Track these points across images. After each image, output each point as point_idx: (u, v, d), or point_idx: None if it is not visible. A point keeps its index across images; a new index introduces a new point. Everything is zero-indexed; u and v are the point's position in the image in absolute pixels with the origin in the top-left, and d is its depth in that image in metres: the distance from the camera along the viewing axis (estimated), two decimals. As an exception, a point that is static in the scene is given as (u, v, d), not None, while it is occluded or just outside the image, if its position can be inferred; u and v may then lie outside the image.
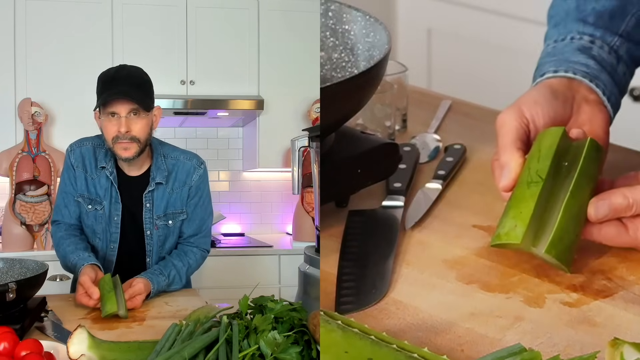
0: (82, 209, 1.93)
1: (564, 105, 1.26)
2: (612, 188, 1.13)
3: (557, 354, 0.91)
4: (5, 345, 1.20)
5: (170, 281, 1.85)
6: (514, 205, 1.11)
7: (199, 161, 1.97)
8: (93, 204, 1.91)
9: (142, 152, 1.87)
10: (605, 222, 1.11)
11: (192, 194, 1.94)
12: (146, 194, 1.91)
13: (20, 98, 3.25)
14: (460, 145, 1.45)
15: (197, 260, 1.95)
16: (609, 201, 1.09)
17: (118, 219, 1.91)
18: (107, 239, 1.92)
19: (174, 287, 1.87)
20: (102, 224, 1.92)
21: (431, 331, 1.02)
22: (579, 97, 1.28)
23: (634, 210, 1.10)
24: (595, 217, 1.10)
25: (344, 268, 1.15)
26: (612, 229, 1.12)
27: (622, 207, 1.09)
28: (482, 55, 3.03)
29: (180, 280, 1.88)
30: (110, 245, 1.93)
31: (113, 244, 1.92)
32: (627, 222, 1.11)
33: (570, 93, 1.27)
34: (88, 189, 1.91)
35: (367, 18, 1.37)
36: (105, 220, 1.91)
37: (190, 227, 1.96)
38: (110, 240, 1.92)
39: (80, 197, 1.92)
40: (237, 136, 3.81)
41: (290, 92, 3.49)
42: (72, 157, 1.92)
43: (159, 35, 3.43)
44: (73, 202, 1.93)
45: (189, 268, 1.92)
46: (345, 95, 1.21)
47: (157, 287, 1.79)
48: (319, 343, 1.14)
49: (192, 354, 1.17)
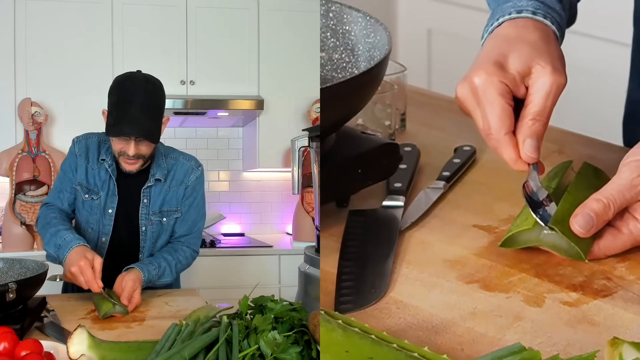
0: (78, 197, 1.95)
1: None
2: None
3: (556, 354, 0.91)
4: (5, 345, 1.20)
5: (160, 272, 1.85)
6: (524, 208, 1.17)
7: (197, 163, 2.01)
8: (90, 194, 1.93)
9: (145, 164, 1.91)
10: (599, 235, 1.12)
11: (188, 194, 1.97)
12: (144, 189, 1.93)
13: (20, 98, 3.25)
14: (470, 147, 1.45)
15: (187, 258, 1.96)
16: (586, 211, 1.10)
17: (112, 212, 1.93)
18: (99, 231, 1.94)
19: (164, 280, 1.88)
20: (96, 215, 1.94)
21: (431, 330, 1.02)
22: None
23: (613, 208, 1.10)
24: (584, 231, 1.10)
25: (343, 268, 1.15)
26: (607, 237, 1.13)
27: (601, 210, 1.10)
28: (482, 56, 3.02)
29: (170, 273, 1.89)
30: (102, 238, 1.94)
31: (105, 236, 1.94)
32: (616, 223, 1.12)
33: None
34: (87, 179, 1.93)
35: (367, 19, 1.37)
36: (99, 212, 1.93)
37: (182, 227, 1.98)
38: (102, 232, 1.94)
39: (79, 185, 1.94)
40: (237, 136, 3.81)
41: (290, 92, 3.49)
42: (76, 147, 1.96)
43: (159, 35, 3.43)
44: (69, 189, 1.95)
45: (179, 263, 1.93)
46: (346, 96, 1.21)
47: (148, 275, 1.80)
48: (319, 343, 1.14)
49: (192, 354, 1.17)
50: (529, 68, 1.15)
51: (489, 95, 1.14)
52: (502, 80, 1.14)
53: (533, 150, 1.14)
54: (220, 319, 1.25)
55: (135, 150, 1.84)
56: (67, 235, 1.80)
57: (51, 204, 1.96)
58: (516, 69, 1.15)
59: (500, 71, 1.15)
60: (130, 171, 1.89)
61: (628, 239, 1.12)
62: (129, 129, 1.81)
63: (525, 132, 1.14)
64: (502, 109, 1.14)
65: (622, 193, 1.10)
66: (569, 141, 1.49)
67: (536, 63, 1.15)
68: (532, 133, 1.14)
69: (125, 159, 1.87)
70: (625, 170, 1.12)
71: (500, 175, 1.38)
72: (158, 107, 1.88)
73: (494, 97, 1.14)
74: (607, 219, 1.11)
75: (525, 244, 1.14)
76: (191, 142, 3.67)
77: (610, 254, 1.13)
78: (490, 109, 1.14)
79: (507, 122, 1.14)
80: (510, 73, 1.15)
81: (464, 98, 1.17)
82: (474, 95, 1.16)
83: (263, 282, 2.86)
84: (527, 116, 1.14)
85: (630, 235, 1.12)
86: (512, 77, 1.15)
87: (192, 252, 1.98)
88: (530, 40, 1.18)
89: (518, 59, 1.16)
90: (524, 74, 1.15)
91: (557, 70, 1.15)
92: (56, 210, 1.94)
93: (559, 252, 1.13)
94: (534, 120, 1.14)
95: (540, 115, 1.14)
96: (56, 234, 1.82)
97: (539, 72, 1.14)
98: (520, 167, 1.16)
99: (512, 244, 1.15)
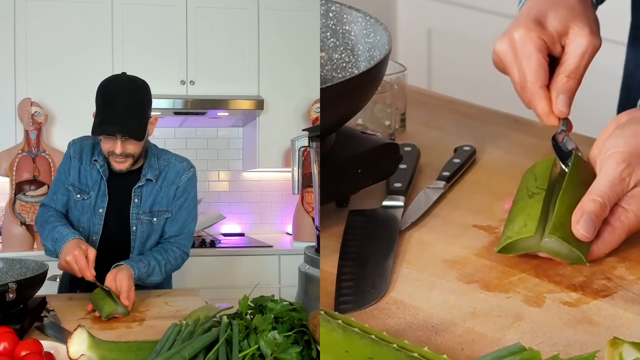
0: (71, 197, 1.99)
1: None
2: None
3: (556, 354, 0.91)
4: (5, 345, 1.20)
5: (149, 271, 1.87)
6: (519, 212, 1.15)
7: (189, 164, 2.04)
8: (81, 194, 1.97)
9: (135, 162, 1.94)
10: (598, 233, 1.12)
11: (179, 195, 1.99)
12: (135, 189, 1.96)
13: (20, 98, 3.25)
14: (470, 147, 1.45)
15: (177, 259, 1.98)
16: (585, 214, 1.09)
17: (103, 211, 1.96)
18: (90, 229, 1.97)
19: (153, 279, 1.90)
20: (87, 214, 1.97)
21: (431, 330, 1.02)
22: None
23: (609, 205, 1.11)
24: (589, 235, 1.10)
25: (343, 268, 1.15)
26: (603, 235, 1.12)
27: (599, 210, 1.10)
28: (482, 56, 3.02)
29: (160, 272, 1.91)
30: (92, 237, 1.97)
31: (95, 236, 1.97)
32: (608, 218, 1.12)
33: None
34: (79, 180, 1.98)
35: (367, 19, 1.37)
36: (90, 211, 1.97)
37: (172, 227, 1.99)
38: (92, 231, 1.97)
39: (71, 185, 1.98)
40: (237, 136, 3.81)
41: (290, 92, 3.49)
42: (71, 149, 2.01)
43: (159, 35, 3.43)
44: (63, 190, 2.00)
45: (168, 263, 1.94)
46: (346, 96, 1.21)
47: (138, 273, 1.82)
48: (319, 343, 1.14)
49: (192, 354, 1.17)
50: (566, 28, 1.21)
51: (527, 49, 1.20)
52: (540, 36, 1.20)
53: (565, 105, 1.20)
54: (220, 319, 1.25)
55: (122, 149, 1.88)
56: (63, 230, 1.86)
57: (47, 204, 2.01)
58: (554, 27, 1.21)
59: (539, 27, 1.21)
60: (120, 170, 1.93)
61: (622, 230, 1.12)
62: (112, 127, 1.85)
63: (560, 87, 1.20)
64: (539, 63, 1.20)
65: (614, 188, 1.11)
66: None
67: (574, 24, 1.21)
68: (566, 89, 1.20)
69: (114, 158, 1.90)
70: (611, 164, 1.12)
71: (500, 175, 1.38)
72: (141, 106, 1.90)
73: (532, 51, 1.20)
74: (605, 217, 1.11)
75: (525, 250, 1.13)
76: (191, 142, 3.67)
77: (608, 250, 1.13)
78: (527, 62, 1.20)
79: (542, 75, 1.20)
80: (548, 30, 1.21)
81: (503, 53, 1.23)
82: (512, 49, 1.22)
83: (263, 282, 2.86)
84: (562, 73, 1.20)
85: (623, 226, 1.12)
86: (550, 35, 1.21)
87: (182, 254, 2.00)
88: (569, 3, 1.24)
89: (556, 19, 1.22)
90: (562, 33, 1.21)
91: (594, 33, 1.21)
92: (52, 210, 1.98)
93: (559, 257, 1.12)
94: (568, 77, 1.20)
95: (575, 73, 1.21)
96: (53, 230, 1.88)
97: (576, 32, 1.21)
98: (551, 121, 1.21)
99: (510, 250, 1.14)
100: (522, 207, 1.15)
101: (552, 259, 1.14)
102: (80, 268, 1.75)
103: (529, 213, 1.13)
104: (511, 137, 1.52)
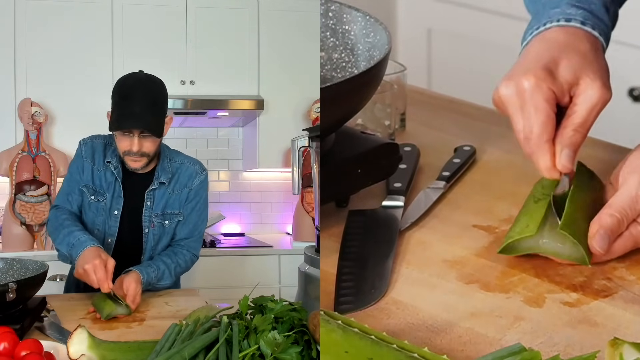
0: (85, 199, 1.96)
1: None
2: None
3: (557, 354, 0.91)
4: (5, 345, 1.20)
5: (159, 275, 1.87)
6: (523, 215, 1.16)
7: (201, 167, 2.03)
8: (96, 195, 1.95)
9: (150, 162, 1.92)
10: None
11: (191, 198, 1.98)
12: (148, 191, 1.95)
13: (20, 98, 3.25)
14: (470, 147, 1.45)
15: (187, 261, 1.97)
16: (602, 229, 1.10)
17: (118, 213, 1.94)
18: (105, 232, 1.95)
19: (164, 283, 1.89)
20: (102, 216, 1.95)
21: (431, 331, 1.02)
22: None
23: (626, 222, 1.11)
24: (603, 251, 1.10)
25: (343, 268, 1.15)
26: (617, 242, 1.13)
27: (615, 226, 1.11)
28: (482, 55, 3.03)
29: (170, 276, 1.90)
30: (107, 239, 1.95)
31: (110, 238, 1.95)
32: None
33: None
34: (93, 181, 1.95)
35: (367, 18, 1.37)
36: (105, 213, 1.95)
37: (183, 230, 1.99)
38: (108, 234, 1.95)
39: (85, 187, 1.95)
40: (237, 136, 3.81)
41: (290, 92, 3.49)
42: (83, 149, 1.97)
43: (159, 35, 3.43)
44: (77, 191, 1.97)
45: (178, 266, 1.94)
46: (346, 96, 1.21)
47: (147, 278, 1.81)
48: (319, 343, 1.14)
49: (192, 354, 1.17)
50: (577, 78, 1.16)
51: (536, 100, 1.15)
52: (550, 87, 1.14)
53: (569, 160, 1.15)
54: (220, 319, 1.25)
55: (139, 146, 1.85)
56: (81, 235, 1.82)
57: (60, 206, 1.97)
58: (565, 77, 1.16)
59: (550, 78, 1.15)
60: (135, 169, 1.91)
61: (629, 240, 1.12)
62: (130, 123, 1.83)
63: (565, 141, 1.15)
64: (548, 116, 1.14)
65: (633, 206, 1.11)
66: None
67: (585, 75, 1.15)
68: (572, 144, 1.15)
69: (129, 157, 1.88)
70: (633, 181, 1.12)
71: (500, 175, 1.38)
72: (159, 103, 1.89)
73: (541, 103, 1.14)
74: (620, 232, 1.12)
75: (526, 251, 1.14)
76: (191, 142, 3.67)
77: (612, 257, 1.13)
78: (535, 114, 1.14)
79: (549, 129, 1.15)
80: (559, 81, 1.15)
81: (508, 98, 1.17)
82: (519, 97, 1.16)
83: (263, 282, 2.86)
84: (569, 126, 1.15)
85: (631, 236, 1.12)
86: (560, 85, 1.15)
87: (192, 256, 1.99)
88: (581, 49, 1.18)
89: (568, 68, 1.16)
90: (572, 83, 1.16)
91: (605, 86, 1.16)
92: (66, 212, 1.95)
93: (560, 257, 1.13)
94: (575, 131, 1.15)
95: (582, 127, 1.15)
96: (70, 234, 1.84)
97: (587, 84, 1.15)
98: (553, 175, 1.16)
99: (511, 250, 1.14)
100: (526, 211, 1.16)
101: (552, 259, 1.14)
102: (99, 279, 1.70)
103: (532, 215, 1.14)
104: (511, 137, 1.50)
